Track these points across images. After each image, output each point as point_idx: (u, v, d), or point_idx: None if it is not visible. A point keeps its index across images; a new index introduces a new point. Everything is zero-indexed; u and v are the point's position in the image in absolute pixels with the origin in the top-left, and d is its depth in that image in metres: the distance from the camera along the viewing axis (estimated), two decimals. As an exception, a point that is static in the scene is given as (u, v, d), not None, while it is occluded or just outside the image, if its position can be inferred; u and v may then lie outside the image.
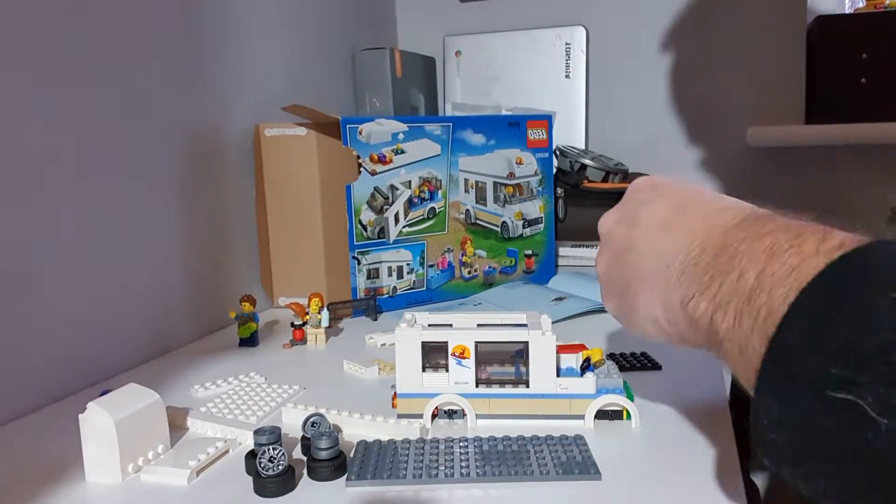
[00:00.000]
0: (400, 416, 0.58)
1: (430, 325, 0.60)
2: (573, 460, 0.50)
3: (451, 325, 0.60)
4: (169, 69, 0.86)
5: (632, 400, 0.57)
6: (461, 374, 0.57)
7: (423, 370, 0.58)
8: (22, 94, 0.66)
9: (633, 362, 0.72)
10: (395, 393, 0.60)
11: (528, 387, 0.57)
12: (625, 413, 0.57)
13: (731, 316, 0.36)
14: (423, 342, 0.57)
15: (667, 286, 0.42)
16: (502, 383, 0.58)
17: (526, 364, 0.57)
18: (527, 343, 0.57)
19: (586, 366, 0.59)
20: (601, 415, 0.57)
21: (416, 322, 0.60)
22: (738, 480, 0.47)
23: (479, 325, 0.60)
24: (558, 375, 0.57)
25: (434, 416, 0.58)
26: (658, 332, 0.47)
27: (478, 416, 0.58)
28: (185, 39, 0.89)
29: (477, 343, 0.57)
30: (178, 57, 0.88)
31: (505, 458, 0.50)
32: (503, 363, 0.57)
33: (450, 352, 0.57)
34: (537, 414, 0.57)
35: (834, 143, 1.37)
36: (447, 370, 0.57)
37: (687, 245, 0.41)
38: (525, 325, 0.59)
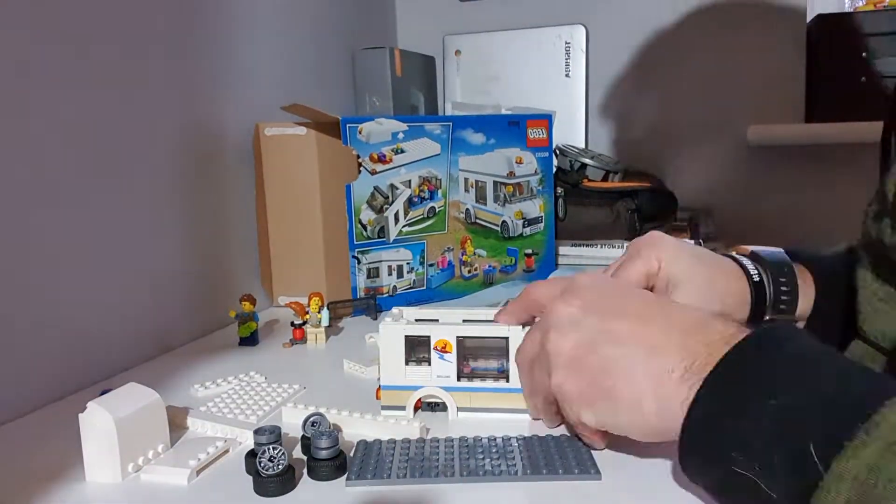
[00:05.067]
0: (384, 408, 0.59)
1: (416, 320, 0.61)
2: (573, 459, 0.50)
3: (437, 321, 0.61)
4: (168, 68, 0.86)
5: None
6: (443, 368, 0.58)
7: (407, 363, 0.58)
8: (20, 94, 0.66)
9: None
10: (379, 385, 0.60)
11: (507, 381, 0.58)
12: None
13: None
14: (406, 336, 0.58)
15: (668, 385, 0.44)
16: (484, 377, 0.58)
17: (506, 359, 0.57)
18: (507, 339, 0.57)
19: None
20: None
21: (402, 317, 0.61)
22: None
23: (464, 321, 0.61)
24: None
25: (417, 408, 0.59)
26: (635, 420, 0.46)
27: (459, 410, 0.58)
28: (184, 38, 0.89)
29: (458, 338, 0.58)
30: (177, 56, 0.88)
31: (507, 457, 0.50)
32: (488, 358, 0.58)
33: (432, 346, 0.58)
34: (517, 408, 0.58)
35: (834, 142, 1.37)
36: (430, 364, 0.58)
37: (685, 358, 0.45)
38: None
